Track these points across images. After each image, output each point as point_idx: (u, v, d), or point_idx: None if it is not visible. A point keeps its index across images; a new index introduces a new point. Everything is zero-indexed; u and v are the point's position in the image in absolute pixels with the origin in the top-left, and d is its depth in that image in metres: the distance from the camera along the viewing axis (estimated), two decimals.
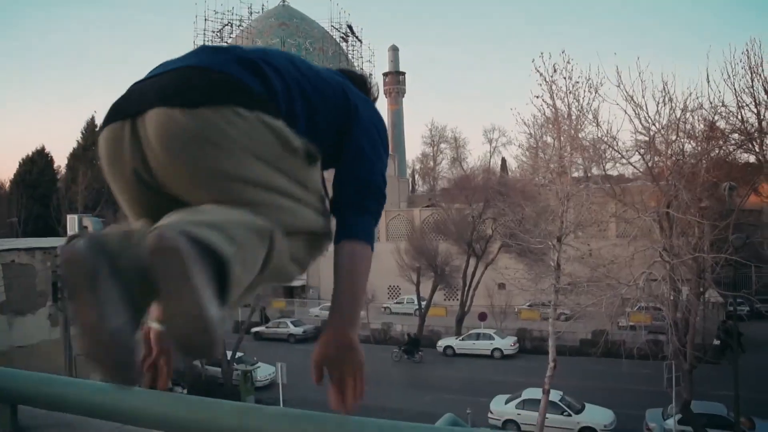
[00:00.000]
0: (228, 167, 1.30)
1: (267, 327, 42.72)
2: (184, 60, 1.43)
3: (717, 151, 21.93)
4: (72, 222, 32.06)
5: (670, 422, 21.02)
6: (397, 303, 51.18)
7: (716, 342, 28.57)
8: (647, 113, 20.41)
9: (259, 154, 1.33)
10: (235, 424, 1.48)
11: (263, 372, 30.48)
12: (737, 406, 19.29)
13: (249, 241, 1.25)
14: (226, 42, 70.88)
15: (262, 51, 1.53)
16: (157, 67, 1.45)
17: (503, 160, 77.12)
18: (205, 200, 1.31)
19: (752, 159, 23.15)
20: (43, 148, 54.83)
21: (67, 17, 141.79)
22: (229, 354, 30.77)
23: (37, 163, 53.44)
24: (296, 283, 52.11)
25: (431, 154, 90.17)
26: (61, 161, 58.48)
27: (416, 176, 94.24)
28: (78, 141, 56.18)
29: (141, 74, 1.43)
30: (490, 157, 79.49)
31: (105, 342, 1.14)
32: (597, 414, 23.98)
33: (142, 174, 1.34)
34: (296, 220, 1.41)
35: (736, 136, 21.90)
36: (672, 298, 19.76)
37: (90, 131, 55.94)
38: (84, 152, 54.73)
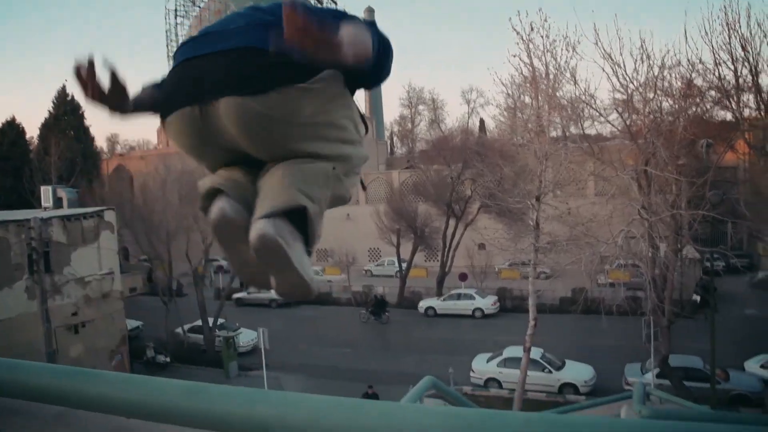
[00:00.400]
0: (301, 135, 1.55)
1: (248, 293, 42.63)
2: (233, 37, 1.57)
3: (694, 109, 21.94)
4: (46, 193, 31.53)
5: (649, 376, 21.38)
6: (377, 265, 51.33)
7: (696, 297, 28.94)
8: (625, 71, 20.34)
9: (322, 116, 1.57)
10: (184, 404, 1.38)
11: (245, 337, 30.51)
12: (713, 360, 19.63)
13: (322, 192, 1.60)
14: (199, 6, 69.52)
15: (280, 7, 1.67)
16: (201, 39, 1.62)
17: (481, 121, 76.67)
18: (281, 160, 1.58)
19: (729, 116, 23.21)
20: (13, 119, 53.42)
21: None
22: (210, 321, 30.76)
23: (8, 134, 52.03)
24: None
25: (409, 116, 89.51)
26: (32, 132, 57.25)
27: (394, 138, 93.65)
28: (49, 111, 54.88)
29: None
30: (468, 118, 79.07)
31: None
32: (577, 370, 24.35)
33: (221, 147, 1.61)
34: (354, 160, 1.72)
35: (713, 93, 21.94)
36: (650, 255, 19.94)
37: (61, 100, 54.70)
38: (56, 122, 53.58)
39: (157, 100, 1.73)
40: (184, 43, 1.65)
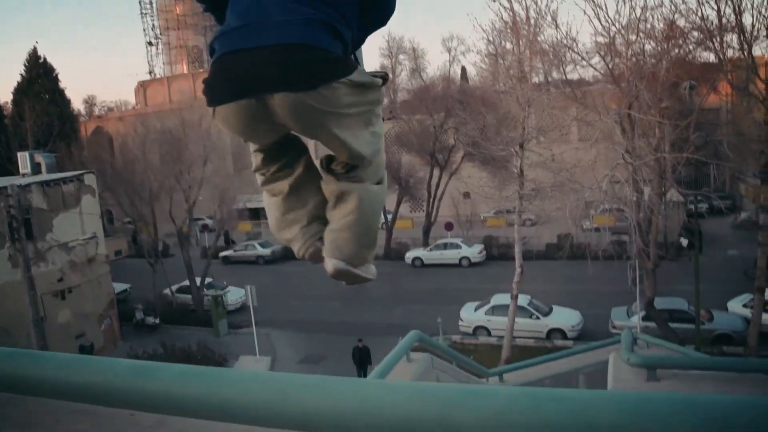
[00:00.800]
0: (341, 123, 1.77)
1: (235, 250, 42.58)
2: (278, 32, 1.66)
3: (677, 51, 21.67)
4: (23, 159, 31.03)
5: (635, 319, 21.62)
6: None
7: (683, 241, 29.12)
8: (607, 13, 20.12)
9: (358, 107, 1.79)
10: (134, 385, 1.25)
11: (234, 295, 30.48)
12: (698, 301, 19.84)
13: (377, 227, 2.06)
14: None
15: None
16: (244, 30, 1.69)
17: (463, 69, 75.54)
18: (328, 144, 1.85)
19: (712, 57, 22.94)
20: None
21: None
22: (198, 280, 30.69)
23: None
24: (261, 204, 51.80)
25: (390, 66, 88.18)
26: (5, 97, 55.95)
27: None
28: (21, 74, 53.55)
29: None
30: (450, 66, 77.63)
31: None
32: (564, 315, 24.58)
33: (269, 129, 1.82)
34: (381, 143, 1.99)
35: (696, 34, 21.60)
36: (634, 199, 19.93)
37: (33, 63, 53.34)
38: (29, 86, 52.31)
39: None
40: (225, 32, 1.74)
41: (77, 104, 67.45)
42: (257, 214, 52.36)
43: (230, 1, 1.83)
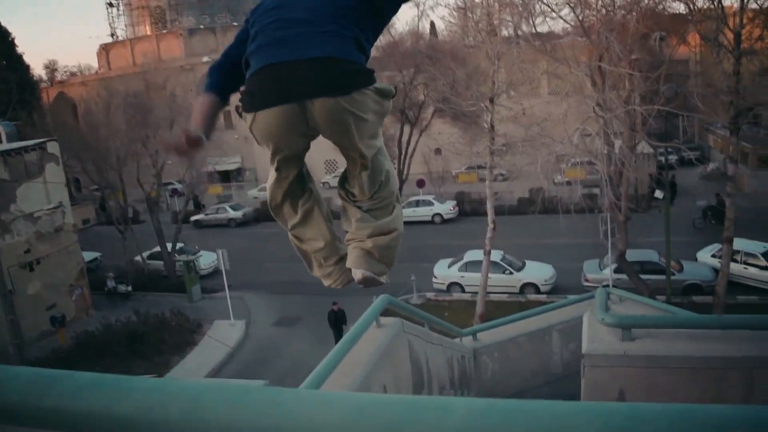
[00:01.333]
0: (368, 129, 2.11)
1: (206, 214, 42.01)
2: (308, 46, 1.97)
3: (647, 1, 21.43)
4: None
5: (607, 272, 21.79)
6: (335, 177, 50.87)
7: (658, 193, 29.37)
8: None
9: (376, 114, 2.12)
10: (23, 399, 1.05)
11: (206, 260, 30.16)
12: (668, 252, 19.99)
13: (398, 245, 2.57)
14: None
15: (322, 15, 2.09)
16: (278, 45, 2.00)
17: (432, 24, 74.57)
18: (344, 144, 2.15)
19: (682, 7, 22.72)
20: None
21: None
22: (169, 246, 30.27)
23: None
24: (231, 166, 51.13)
25: None
26: None
27: None
28: None
29: None
30: (419, 21, 77.01)
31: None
32: (537, 270, 24.72)
33: (301, 134, 2.10)
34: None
35: None
36: (606, 152, 19.88)
37: None
38: None
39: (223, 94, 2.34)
40: (263, 46, 2.02)
41: (38, 70, 65.22)
42: (227, 176, 51.74)
43: (255, 21, 2.12)
